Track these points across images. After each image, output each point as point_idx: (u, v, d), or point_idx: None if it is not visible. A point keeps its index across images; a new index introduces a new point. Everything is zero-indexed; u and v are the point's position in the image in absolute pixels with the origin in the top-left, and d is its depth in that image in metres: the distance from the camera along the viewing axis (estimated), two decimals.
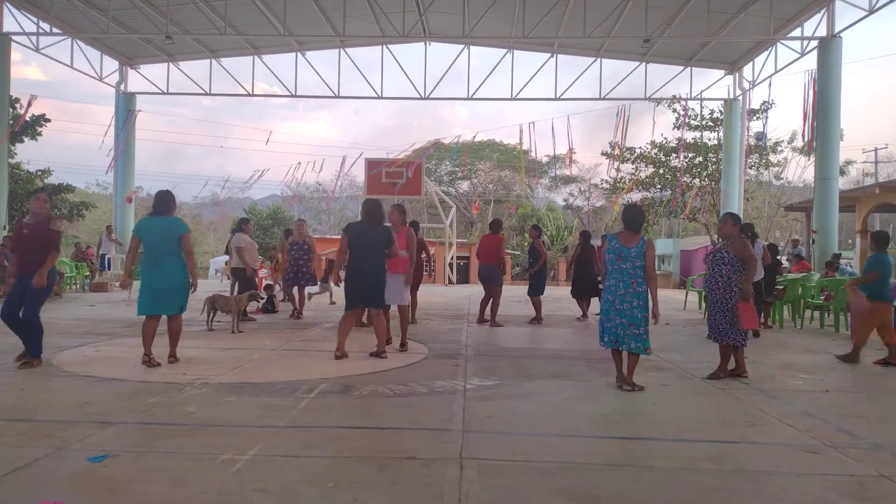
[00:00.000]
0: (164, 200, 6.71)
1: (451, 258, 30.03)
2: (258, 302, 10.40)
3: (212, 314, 9.39)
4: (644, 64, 21.55)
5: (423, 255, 10.88)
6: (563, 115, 30.17)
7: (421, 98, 21.11)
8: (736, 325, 6.21)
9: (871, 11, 14.91)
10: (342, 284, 7.21)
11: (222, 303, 9.41)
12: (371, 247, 7.05)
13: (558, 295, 16.85)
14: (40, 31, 18.30)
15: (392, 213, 8.24)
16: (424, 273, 11.53)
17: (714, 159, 26.32)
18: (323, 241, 25.25)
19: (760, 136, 24.14)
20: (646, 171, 28.44)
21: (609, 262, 5.85)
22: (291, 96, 22.40)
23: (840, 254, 15.68)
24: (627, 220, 5.94)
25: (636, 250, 5.71)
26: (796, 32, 17.80)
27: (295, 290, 11.44)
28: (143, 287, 6.50)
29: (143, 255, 6.57)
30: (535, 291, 11.48)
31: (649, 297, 5.70)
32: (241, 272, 10.88)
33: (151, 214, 6.71)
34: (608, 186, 33.02)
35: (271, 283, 13.85)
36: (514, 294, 15.77)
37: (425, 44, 20.89)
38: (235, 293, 10.53)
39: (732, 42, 19.61)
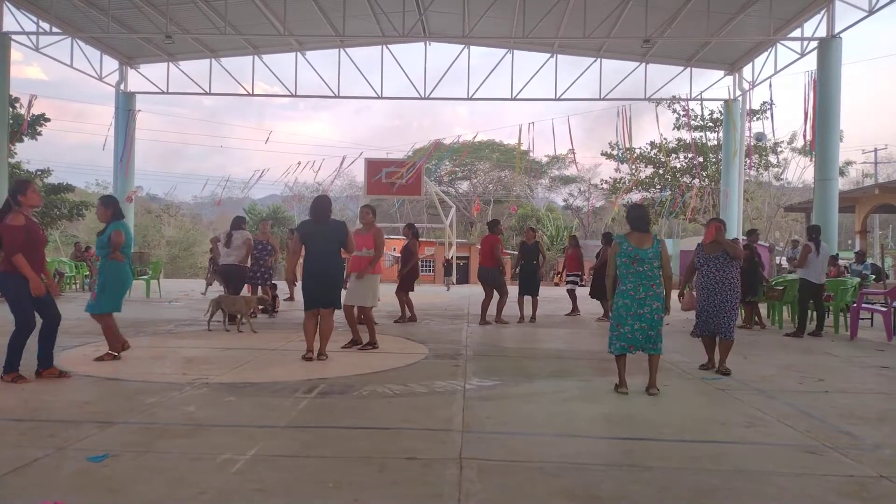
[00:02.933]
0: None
1: (451, 258, 30.04)
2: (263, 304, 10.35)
3: (219, 315, 9.34)
4: (644, 64, 21.55)
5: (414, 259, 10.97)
6: (563, 115, 30.20)
7: (421, 98, 21.11)
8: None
9: (871, 12, 14.91)
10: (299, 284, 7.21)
11: (229, 303, 9.36)
12: (321, 244, 6.85)
13: (558, 295, 16.85)
14: (40, 30, 18.30)
15: (367, 213, 8.25)
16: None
17: (714, 159, 26.35)
18: None
19: (761, 137, 24.15)
20: (645, 172, 28.49)
21: (623, 265, 5.61)
22: (291, 96, 22.41)
23: (838, 254, 15.68)
24: (635, 219, 5.76)
25: (653, 251, 5.57)
26: (796, 33, 17.80)
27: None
28: (124, 285, 6.82)
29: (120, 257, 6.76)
30: (532, 291, 11.49)
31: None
32: (235, 270, 10.50)
33: (121, 219, 6.76)
34: (608, 187, 33.07)
35: (275, 283, 13.81)
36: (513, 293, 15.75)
37: (425, 44, 20.89)
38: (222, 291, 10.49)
39: (732, 42, 19.61)
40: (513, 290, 11.49)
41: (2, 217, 5.59)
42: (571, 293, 13.22)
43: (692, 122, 25.87)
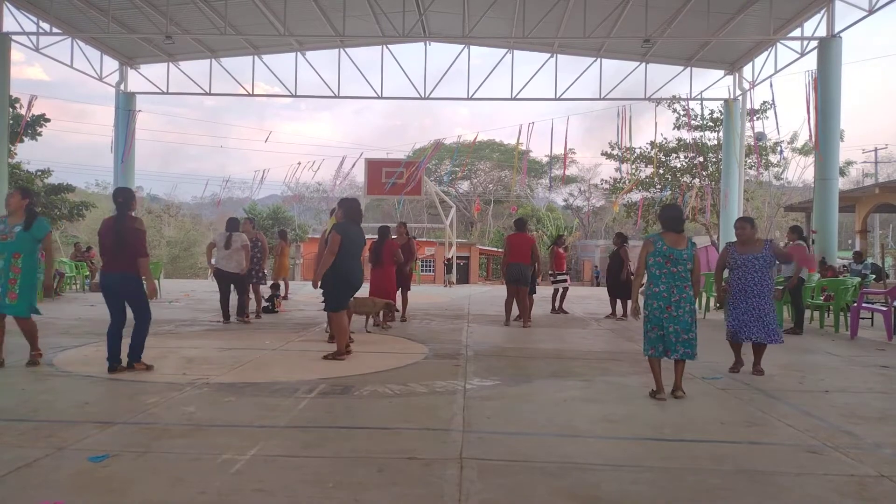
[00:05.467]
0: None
1: (451, 258, 30.07)
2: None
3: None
4: (644, 64, 21.55)
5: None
6: (563, 115, 30.23)
7: (421, 98, 21.10)
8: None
9: (871, 11, 14.90)
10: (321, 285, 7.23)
11: (357, 305, 9.29)
12: (357, 246, 7.26)
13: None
14: (40, 30, 18.29)
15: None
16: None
17: (714, 159, 26.34)
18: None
19: (761, 137, 24.11)
20: (645, 171, 28.47)
21: (656, 265, 5.42)
22: (291, 96, 22.40)
23: (824, 259, 15.63)
24: (670, 219, 5.55)
25: (687, 252, 5.42)
26: (796, 32, 17.79)
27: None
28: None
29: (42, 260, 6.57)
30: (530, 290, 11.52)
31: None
32: (236, 277, 10.28)
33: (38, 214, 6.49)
34: (608, 187, 33.05)
35: (277, 283, 13.83)
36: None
37: (425, 44, 20.88)
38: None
39: (732, 42, 19.60)
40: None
41: (123, 221, 6.03)
42: (564, 291, 13.49)
43: (692, 122, 25.83)
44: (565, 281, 13.68)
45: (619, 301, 12.54)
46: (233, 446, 3.88)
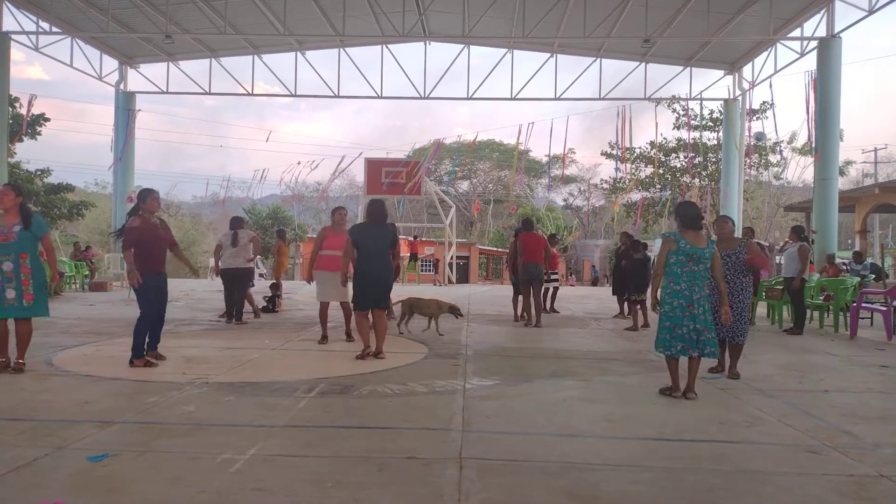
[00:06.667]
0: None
1: (451, 258, 30.10)
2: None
3: (407, 318, 9.24)
4: (644, 64, 21.55)
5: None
6: (563, 114, 30.25)
7: (421, 98, 21.11)
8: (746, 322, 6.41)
9: (871, 11, 14.91)
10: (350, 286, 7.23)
11: (421, 306, 9.27)
12: (377, 246, 7.08)
13: (559, 294, 16.79)
14: (40, 30, 18.30)
15: (345, 214, 8.47)
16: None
17: (714, 159, 26.35)
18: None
19: (760, 137, 24.13)
20: (645, 171, 28.49)
21: (678, 264, 5.35)
22: (291, 96, 22.42)
23: (834, 254, 15.67)
24: (688, 217, 5.48)
25: (709, 251, 5.37)
26: (796, 33, 17.80)
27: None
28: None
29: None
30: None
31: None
32: (243, 272, 10.32)
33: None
34: (608, 186, 33.08)
35: (278, 282, 13.80)
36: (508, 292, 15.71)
37: (425, 43, 20.89)
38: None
39: (732, 42, 19.61)
40: (507, 289, 11.52)
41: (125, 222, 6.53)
42: (555, 291, 13.58)
43: (692, 122, 25.83)
44: (557, 281, 13.78)
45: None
46: (232, 446, 3.88)
